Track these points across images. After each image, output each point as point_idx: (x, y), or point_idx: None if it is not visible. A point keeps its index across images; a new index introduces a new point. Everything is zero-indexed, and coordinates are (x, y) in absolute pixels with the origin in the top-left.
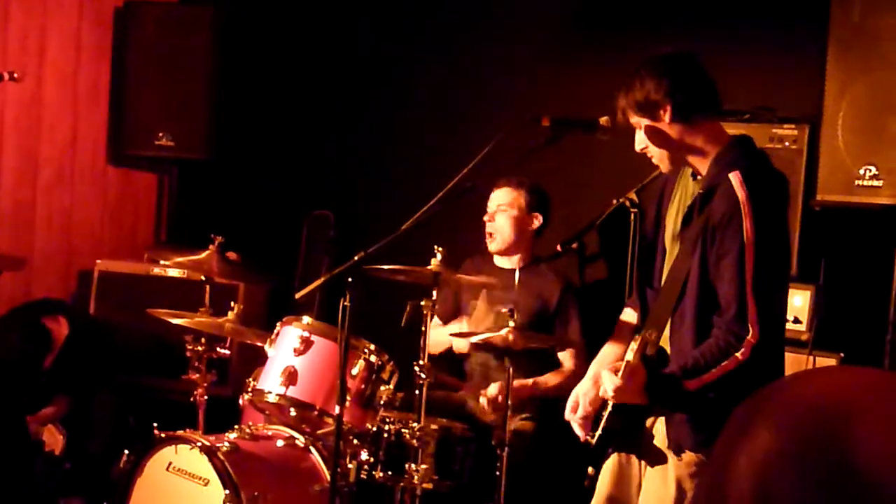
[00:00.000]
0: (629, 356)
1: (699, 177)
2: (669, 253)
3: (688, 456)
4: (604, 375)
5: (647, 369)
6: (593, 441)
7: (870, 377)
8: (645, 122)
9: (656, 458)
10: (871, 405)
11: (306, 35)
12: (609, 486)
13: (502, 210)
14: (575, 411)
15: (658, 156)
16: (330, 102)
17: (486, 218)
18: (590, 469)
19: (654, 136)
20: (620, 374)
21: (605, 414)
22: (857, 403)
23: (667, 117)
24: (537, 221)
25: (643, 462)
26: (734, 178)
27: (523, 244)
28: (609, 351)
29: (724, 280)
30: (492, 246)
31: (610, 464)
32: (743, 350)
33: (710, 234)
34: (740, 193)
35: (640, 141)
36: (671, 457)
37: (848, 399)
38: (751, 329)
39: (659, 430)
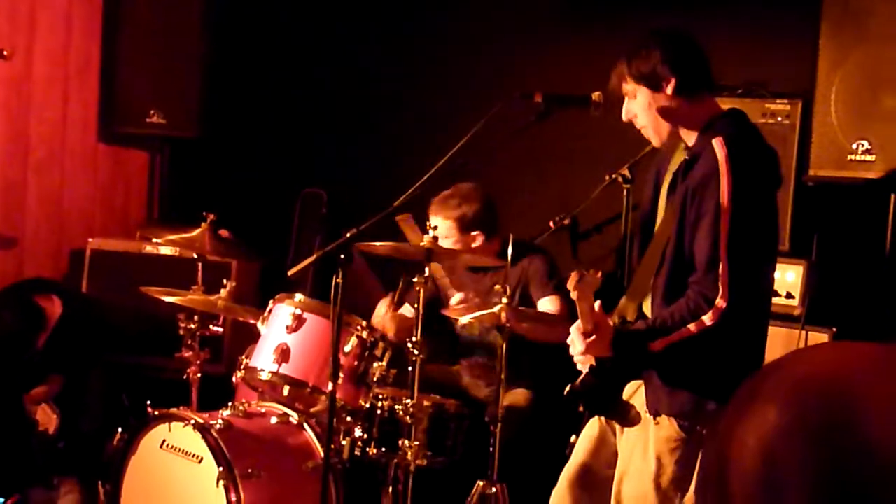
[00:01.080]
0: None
1: (688, 147)
2: (658, 226)
3: (664, 420)
4: (572, 330)
5: (614, 326)
6: (565, 392)
7: (872, 352)
8: (644, 91)
9: (604, 408)
10: (875, 380)
11: (297, 12)
12: (584, 455)
13: (442, 237)
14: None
15: (652, 126)
16: (322, 80)
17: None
18: (572, 438)
19: (653, 106)
20: (587, 327)
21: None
22: (861, 379)
23: (669, 89)
24: (479, 239)
25: (623, 429)
26: (716, 142)
27: (477, 252)
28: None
29: (699, 241)
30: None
31: (588, 431)
32: (711, 313)
33: (690, 198)
34: (720, 154)
35: (629, 111)
36: (650, 423)
37: (852, 375)
38: (721, 290)
39: (639, 396)
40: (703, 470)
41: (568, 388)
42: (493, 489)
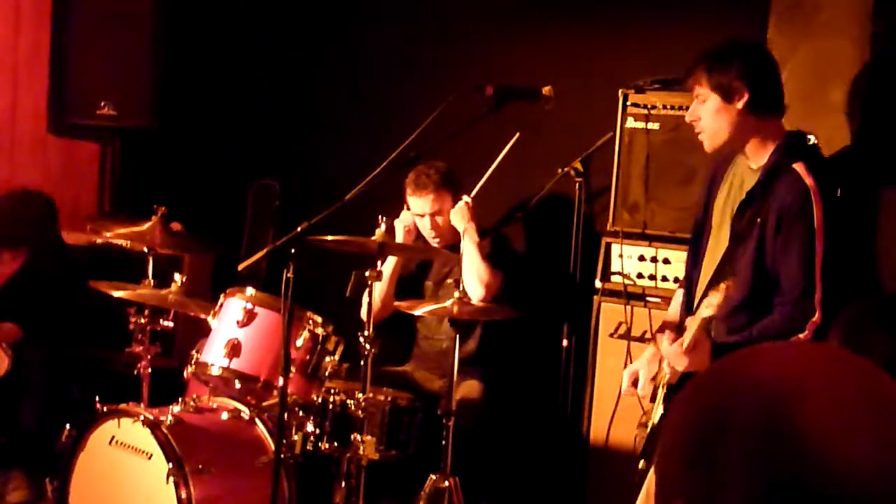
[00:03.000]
0: (690, 329)
1: (756, 167)
2: (715, 236)
3: None
4: (666, 348)
5: (710, 339)
6: (645, 431)
7: (820, 351)
8: (716, 100)
9: None
10: (820, 378)
11: (250, 1)
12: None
13: (435, 216)
14: (635, 385)
15: (711, 133)
16: (275, 70)
17: (424, 224)
18: (640, 463)
19: (720, 116)
20: (685, 344)
21: (660, 398)
22: (808, 377)
23: (740, 104)
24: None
25: None
26: (800, 168)
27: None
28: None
29: (792, 263)
30: (437, 244)
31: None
32: (807, 332)
33: (776, 220)
34: (808, 182)
35: (695, 113)
36: None
37: (799, 373)
38: (817, 310)
39: None
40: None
41: (660, 417)
42: (447, 483)
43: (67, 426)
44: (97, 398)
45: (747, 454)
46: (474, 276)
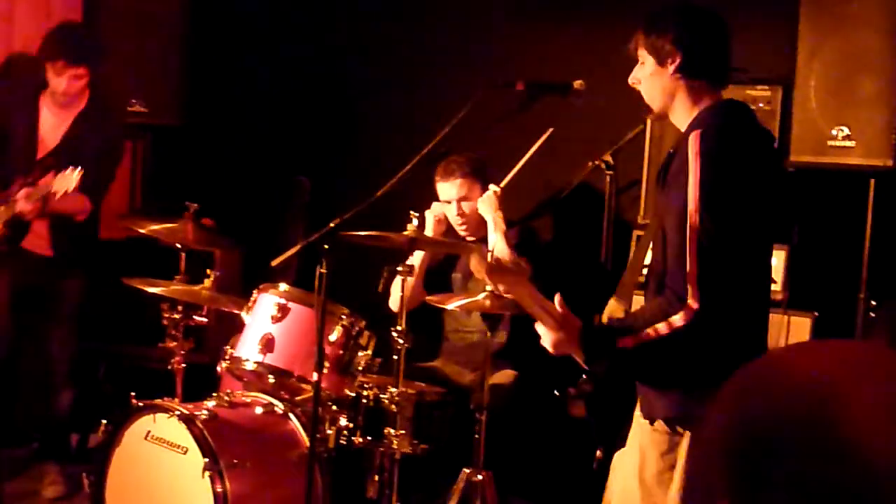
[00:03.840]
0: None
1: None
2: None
3: (659, 425)
4: (539, 328)
5: (581, 320)
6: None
7: (855, 351)
8: (651, 62)
9: (636, 430)
10: (859, 377)
11: None
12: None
13: (465, 201)
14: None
15: (648, 97)
16: (305, 66)
17: (451, 211)
18: (598, 452)
19: (653, 78)
20: (551, 325)
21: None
22: (846, 376)
23: (671, 68)
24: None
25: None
26: (693, 136)
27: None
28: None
29: (670, 239)
30: (466, 234)
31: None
32: (682, 314)
33: (665, 196)
34: (692, 149)
35: (635, 76)
36: (646, 426)
37: (836, 372)
38: (690, 290)
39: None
40: (688, 477)
41: (573, 394)
42: (479, 476)
43: (103, 422)
44: (132, 394)
45: (787, 453)
46: None
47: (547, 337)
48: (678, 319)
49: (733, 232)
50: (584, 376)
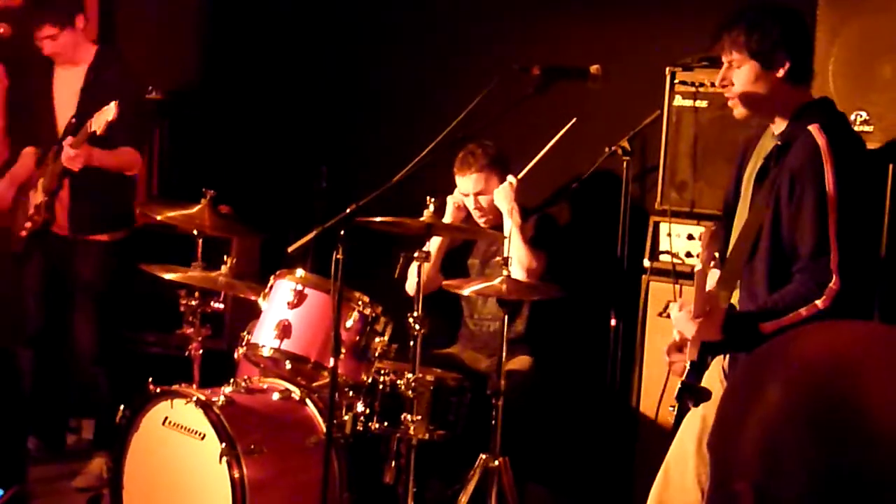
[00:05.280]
0: (693, 297)
1: (777, 132)
2: (741, 212)
3: None
4: (675, 314)
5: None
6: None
7: (875, 330)
8: (754, 67)
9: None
10: (879, 364)
11: None
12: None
13: (480, 195)
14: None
15: (747, 101)
16: (321, 53)
17: (469, 203)
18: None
19: (757, 84)
20: (692, 310)
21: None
22: (865, 357)
23: (781, 72)
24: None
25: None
26: (813, 129)
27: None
28: None
29: (806, 227)
30: (484, 224)
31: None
32: (824, 298)
33: (788, 185)
34: (820, 141)
35: (727, 78)
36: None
37: (855, 353)
38: (833, 276)
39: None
40: (710, 454)
41: (679, 387)
42: (496, 462)
43: (122, 407)
44: (150, 380)
45: (806, 436)
46: (516, 260)
47: (688, 324)
48: (820, 302)
49: (864, 221)
50: (689, 369)
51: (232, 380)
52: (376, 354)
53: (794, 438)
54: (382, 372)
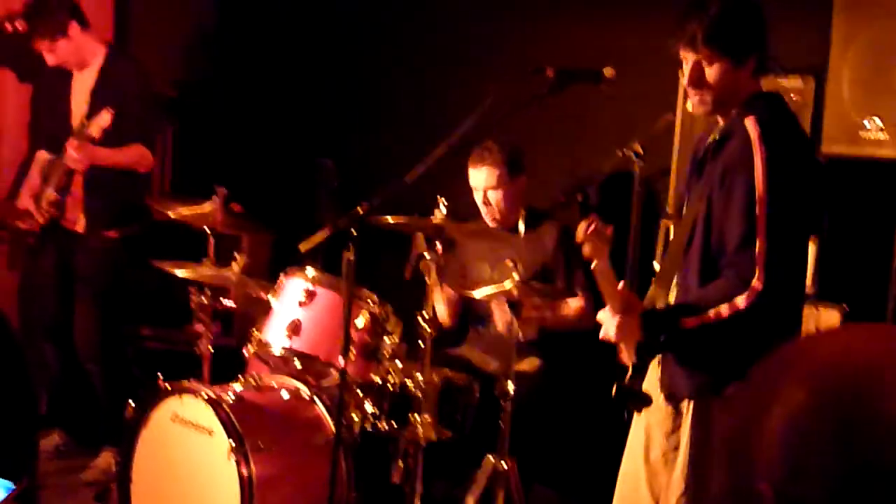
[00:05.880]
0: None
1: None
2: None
3: (664, 405)
4: (601, 314)
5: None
6: (614, 392)
7: (890, 334)
8: (725, 63)
9: (640, 401)
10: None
11: None
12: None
13: (491, 190)
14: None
15: (715, 99)
16: (332, 50)
17: (478, 198)
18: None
19: (724, 78)
20: (615, 308)
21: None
22: (887, 357)
23: (749, 68)
24: (523, 182)
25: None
26: (748, 121)
27: (519, 205)
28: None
29: (732, 220)
30: (492, 223)
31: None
32: (746, 295)
33: (720, 178)
34: (752, 132)
35: (695, 77)
36: (660, 403)
37: (877, 353)
38: (756, 271)
39: (650, 374)
40: (723, 455)
41: (616, 388)
42: (504, 464)
43: (131, 402)
44: (160, 375)
45: (831, 436)
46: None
47: (610, 321)
48: (741, 301)
49: (795, 218)
50: (631, 372)
51: (241, 377)
52: (386, 354)
53: (819, 439)
54: (391, 372)
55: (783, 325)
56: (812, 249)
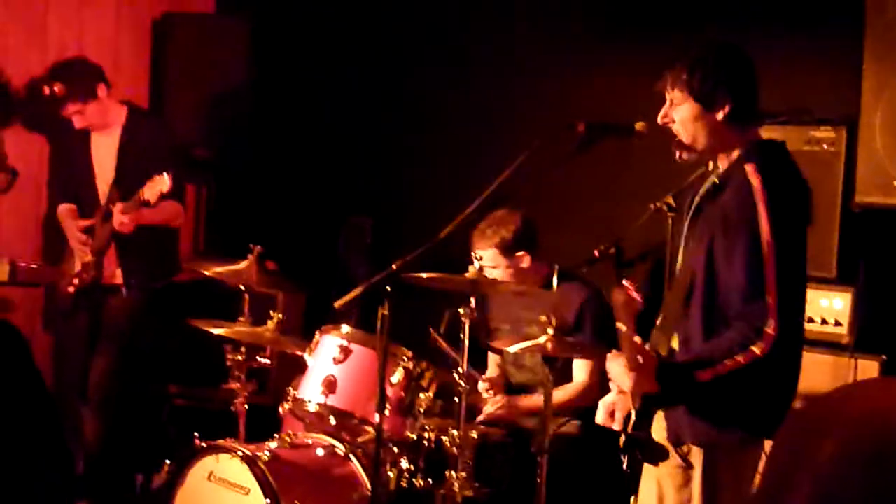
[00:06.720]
0: (623, 345)
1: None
2: (683, 252)
3: (674, 459)
4: (613, 366)
5: (658, 358)
6: (622, 442)
7: None
8: (693, 107)
9: (655, 453)
10: None
11: (341, 41)
12: None
13: (489, 269)
14: (611, 417)
15: (688, 137)
16: (366, 109)
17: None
18: (632, 500)
19: (697, 124)
20: (629, 361)
21: (631, 421)
22: None
23: (720, 115)
24: (526, 259)
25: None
26: (749, 168)
27: (529, 276)
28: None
29: (740, 272)
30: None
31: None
32: (761, 344)
33: (721, 226)
34: (754, 181)
35: (668, 115)
36: (670, 449)
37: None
38: (771, 322)
39: (656, 426)
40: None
41: (623, 438)
42: None
43: (167, 462)
44: (196, 434)
45: (862, 490)
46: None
47: (623, 376)
48: (758, 348)
49: (800, 264)
50: (634, 422)
51: (277, 435)
52: (421, 410)
53: (850, 493)
54: (427, 428)
55: (787, 371)
56: (848, 299)
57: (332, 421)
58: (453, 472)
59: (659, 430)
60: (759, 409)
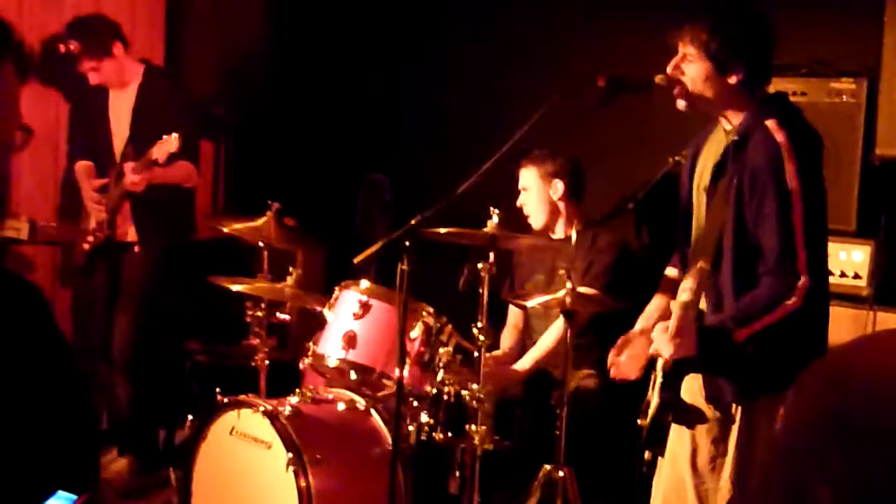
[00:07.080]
0: (676, 312)
1: (731, 127)
2: (697, 207)
3: (711, 411)
4: (656, 334)
5: (696, 323)
6: (646, 422)
7: None
8: (707, 67)
9: (688, 415)
10: None
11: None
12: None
13: (524, 190)
14: (619, 354)
15: (694, 97)
16: (383, 65)
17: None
18: (646, 454)
19: (707, 84)
20: (670, 330)
21: (657, 386)
22: None
23: (733, 80)
24: (560, 186)
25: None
26: (771, 124)
27: (557, 214)
28: (653, 307)
29: (770, 226)
30: (531, 221)
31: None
32: (794, 298)
33: (749, 184)
34: (779, 137)
35: (678, 68)
36: (706, 409)
37: None
38: (801, 276)
39: (688, 385)
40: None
41: (657, 405)
42: (560, 473)
43: (190, 417)
44: (217, 390)
45: (882, 443)
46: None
47: (665, 343)
48: (792, 302)
49: (825, 216)
50: (662, 386)
51: (298, 390)
52: (441, 365)
53: (870, 443)
54: (447, 382)
55: (817, 324)
56: (868, 252)
57: (353, 376)
58: (473, 426)
59: (688, 391)
60: (795, 360)
